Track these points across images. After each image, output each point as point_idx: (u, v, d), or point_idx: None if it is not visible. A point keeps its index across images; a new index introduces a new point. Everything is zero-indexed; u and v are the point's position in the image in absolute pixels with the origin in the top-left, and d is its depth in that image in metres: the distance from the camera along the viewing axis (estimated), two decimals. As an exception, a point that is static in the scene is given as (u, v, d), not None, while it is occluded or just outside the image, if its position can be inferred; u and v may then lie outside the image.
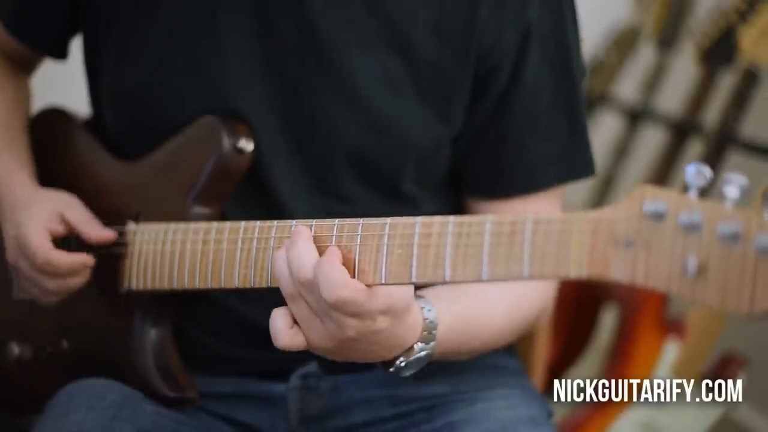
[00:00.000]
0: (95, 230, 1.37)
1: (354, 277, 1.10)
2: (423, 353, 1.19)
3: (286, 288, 1.13)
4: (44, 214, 1.37)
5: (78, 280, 1.37)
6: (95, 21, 1.43)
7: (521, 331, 1.39)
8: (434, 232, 1.05)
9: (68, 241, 1.38)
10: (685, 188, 0.90)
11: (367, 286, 1.10)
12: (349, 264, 1.11)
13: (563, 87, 1.38)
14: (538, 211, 1.38)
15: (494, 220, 1.02)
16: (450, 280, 1.04)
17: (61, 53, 1.53)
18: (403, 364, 1.18)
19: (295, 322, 1.14)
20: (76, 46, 1.51)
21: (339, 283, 1.08)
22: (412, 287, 1.12)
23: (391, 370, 1.18)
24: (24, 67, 1.59)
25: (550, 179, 1.40)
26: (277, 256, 1.14)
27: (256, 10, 1.34)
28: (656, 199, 0.90)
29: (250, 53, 1.35)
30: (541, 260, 0.98)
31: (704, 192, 0.90)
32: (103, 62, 1.43)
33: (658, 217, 0.90)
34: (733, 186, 0.87)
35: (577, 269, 0.95)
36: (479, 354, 1.37)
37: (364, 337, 1.12)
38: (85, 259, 1.36)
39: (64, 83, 1.87)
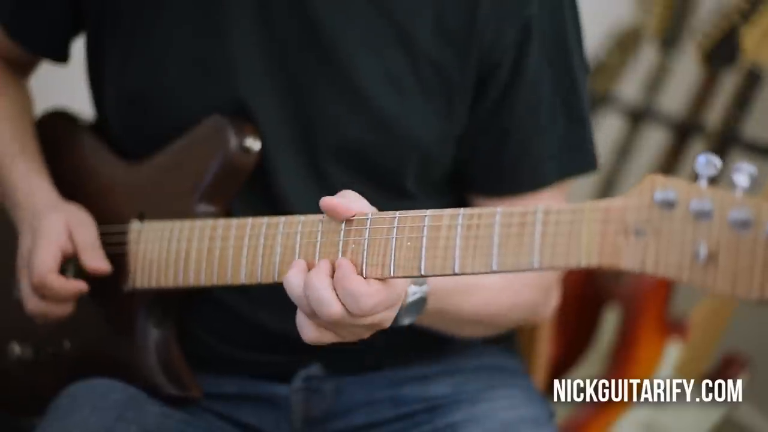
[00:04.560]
0: (94, 260, 1.37)
1: (363, 270, 1.09)
2: (417, 296, 1.19)
3: (311, 316, 1.11)
4: (61, 229, 1.37)
5: (62, 310, 1.37)
6: (98, 23, 1.43)
7: (519, 312, 1.39)
8: (444, 224, 1.05)
9: (71, 259, 1.39)
10: (695, 178, 0.91)
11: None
12: (357, 263, 1.10)
13: (563, 83, 1.39)
14: None
15: (504, 211, 1.02)
16: (459, 271, 1.04)
17: (62, 57, 1.53)
18: (401, 311, 1.18)
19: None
20: (78, 48, 1.51)
21: (364, 294, 1.07)
22: None
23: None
24: (23, 71, 1.59)
25: (552, 175, 1.40)
26: (293, 284, 1.11)
27: (259, 8, 1.35)
28: (667, 187, 0.90)
29: (254, 51, 1.35)
30: (551, 250, 0.98)
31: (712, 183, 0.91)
32: (107, 64, 1.43)
33: (669, 205, 0.90)
34: (742, 174, 0.87)
35: (588, 258, 0.95)
36: (479, 324, 1.36)
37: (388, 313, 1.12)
38: (80, 287, 1.36)
39: (67, 85, 1.87)
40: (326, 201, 1.11)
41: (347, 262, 1.09)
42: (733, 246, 0.86)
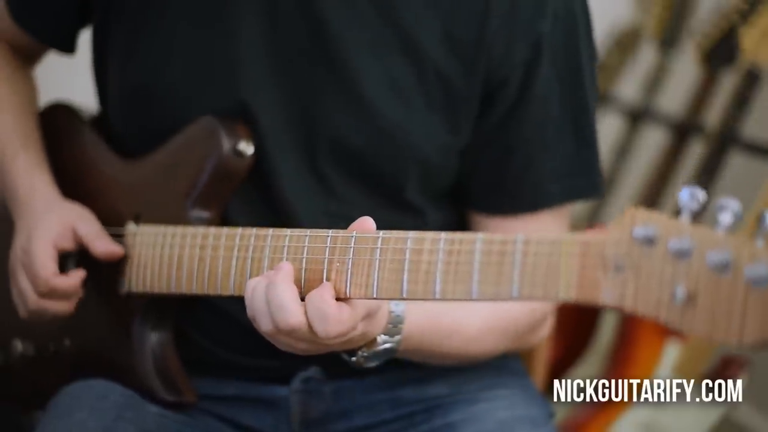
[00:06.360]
0: (103, 245, 1.36)
1: (346, 290, 1.10)
2: (387, 345, 1.19)
3: (265, 327, 1.13)
4: (56, 228, 1.37)
5: (63, 306, 1.37)
6: (104, 16, 1.42)
7: (510, 340, 1.37)
8: (425, 248, 1.05)
9: (70, 255, 1.38)
10: (678, 210, 0.88)
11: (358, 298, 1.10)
12: (341, 281, 1.11)
13: (572, 102, 1.36)
14: (543, 230, 1.37)
15: (485, 238, 1.01)
16: (440, 297, 1.03)
17: (68, 47, 1.51)
18: (365, 355, 1.18)
19: None
20: (84, 40, 1.50)
21: (333, 320, 1.08)
22: None
23: (353, 359, 1.19)
24: (30, 59, 1.58)
25: (555, 197, 1.38)
26: (255, 292, 1.13)
27: (266, 9, 1.34)
28: (647, 223, 0.88)
29: (259, 53, 1.34)
30: (530, 281, 0.97)
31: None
32: (111, 58, 1.42)
33: (648, 242, 0.88)
34: (726, 212, 0.85)
35: (566, 292, 0.94)
36: (458, 360, 1.36)
37: (342, 342, 1.13)
38: (81, 276, 1.36)
39: (72, 77, 1.87)
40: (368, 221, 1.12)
41: (330, 284, 1.10)
42: (712, 288, 0.84)
